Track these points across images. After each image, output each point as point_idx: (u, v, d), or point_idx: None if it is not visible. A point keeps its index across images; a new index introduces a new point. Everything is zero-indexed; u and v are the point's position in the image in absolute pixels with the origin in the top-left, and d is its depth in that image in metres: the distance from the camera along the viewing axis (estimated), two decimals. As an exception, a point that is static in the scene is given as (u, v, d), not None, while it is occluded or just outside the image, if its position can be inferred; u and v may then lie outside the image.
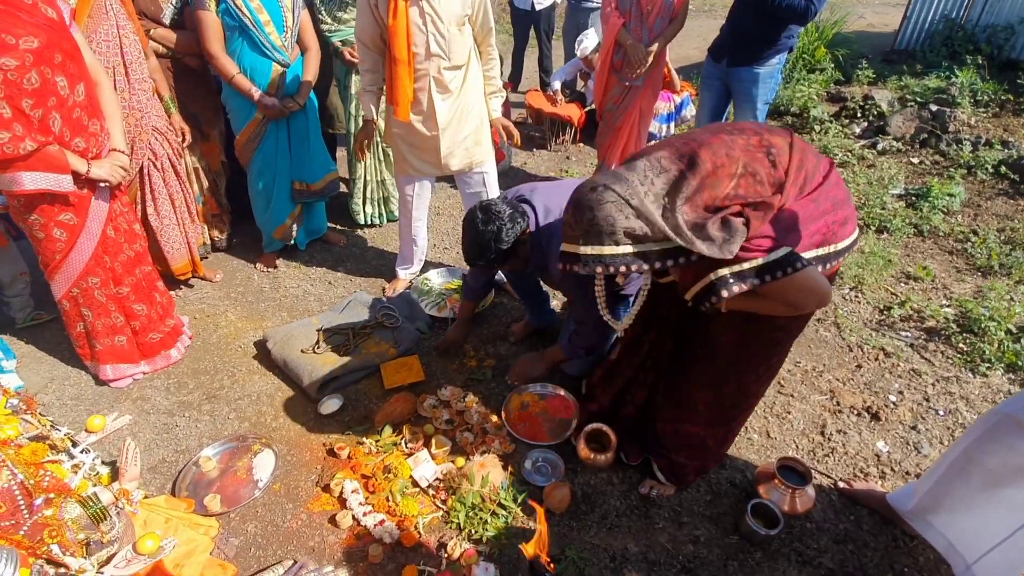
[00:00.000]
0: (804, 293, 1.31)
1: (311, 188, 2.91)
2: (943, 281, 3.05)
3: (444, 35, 2.17)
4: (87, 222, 1.97)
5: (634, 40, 3.02)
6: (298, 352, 2.31)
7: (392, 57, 2.17)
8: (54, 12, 1.80)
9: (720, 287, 1.27)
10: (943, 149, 4.32)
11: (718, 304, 1.32)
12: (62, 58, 1.78)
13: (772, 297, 1.33)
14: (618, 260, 1.23)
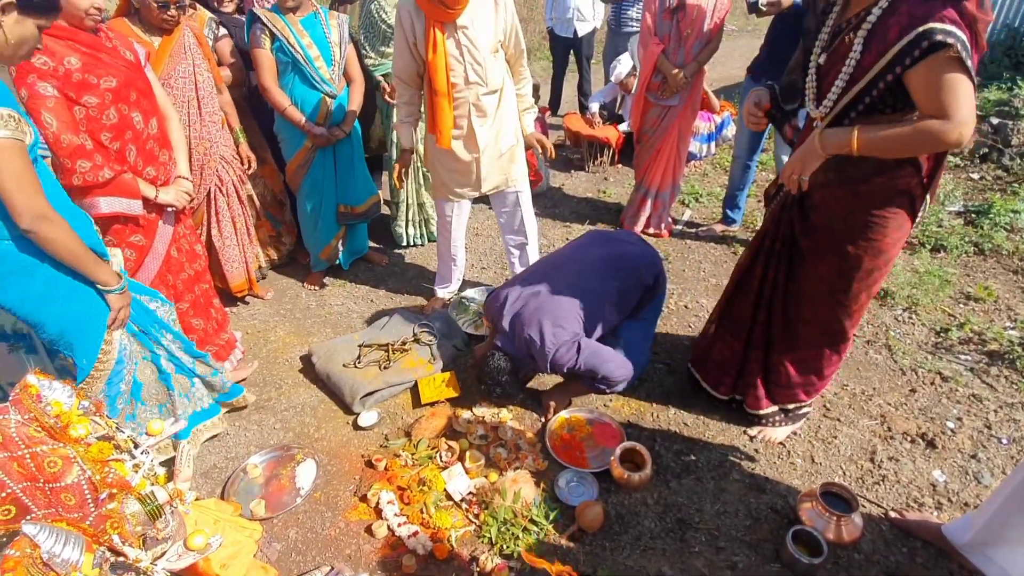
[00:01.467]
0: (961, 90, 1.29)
1: (355, 211, 3.06)
2: (1007, 302, 2.88)
3: (481, 63, 2.26)
4: (154, 243, 2.14)
5: (671, 67, 3.05)
6: (340, 366, 2.40)
7: (433, 90, 2.28)
8: (131, 55, 2.00)
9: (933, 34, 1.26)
10: (1006, 164, 4.10)
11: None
12: (137, 96, 1.97)
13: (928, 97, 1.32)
14: None
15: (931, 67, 1.30)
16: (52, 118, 1.77)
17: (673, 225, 3.74)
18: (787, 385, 2.01)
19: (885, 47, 1.34)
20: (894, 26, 1.32)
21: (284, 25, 2.50)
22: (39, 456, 1.25)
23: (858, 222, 1.59)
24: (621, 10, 4.94)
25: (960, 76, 1.29)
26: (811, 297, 1.79)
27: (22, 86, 1.76)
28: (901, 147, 1.42)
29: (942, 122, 1.32)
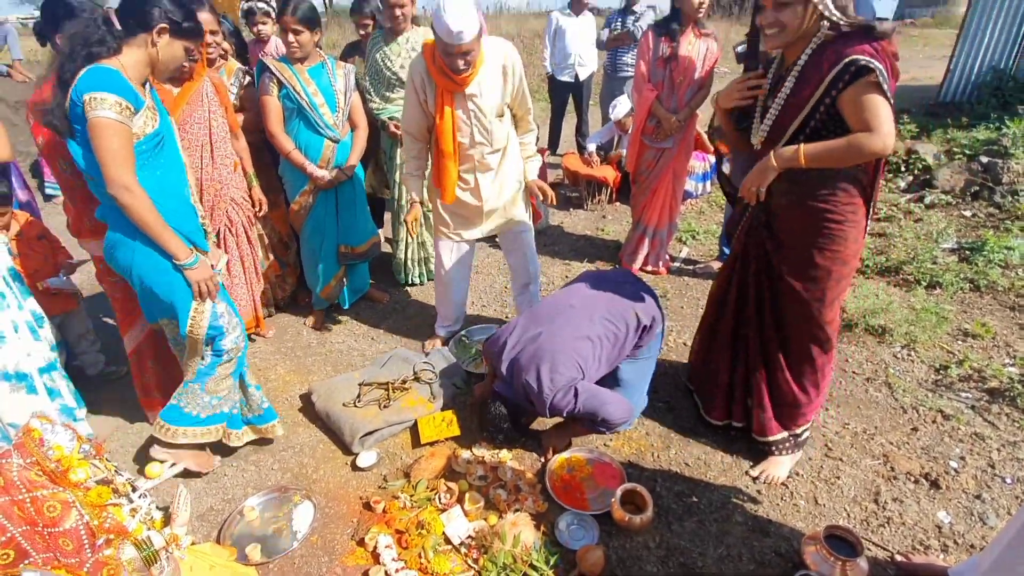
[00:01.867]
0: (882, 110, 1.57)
1: (355, 251, 3.11)
2: (1005, 338, 2.89)
3: (487, 127, 2.37)
4: None
5: (666, 112, 3.17)
6: (340, 405, 2.41)
7: (439, 150, 2.37)
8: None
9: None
10: (997, 201, 4.18)
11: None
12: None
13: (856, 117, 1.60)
14: None
15: (857, 89, 1.58)
16: (66, 164, 1.85)
17: (671, 262, 3.79)
18: (793, 403, 2.07)
19: (821, 78, 1.62)
20: (825, 61, 1.62)
21: (292, 74, 2.62)
22: (39, 500, 1.26)
23: (822, 236, 1.82)
24: (616, 56, 5.14)
25: (880, 97, 1.56)
26: (791, 309, 1.96)
27: (39, 134, 1.84)
28: (839, 157, 1.66)
29: (868, 134, 1.58)
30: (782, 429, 2.11)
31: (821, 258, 1.84)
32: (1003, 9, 6.81)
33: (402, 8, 2.87)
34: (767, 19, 1.69)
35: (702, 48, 3.10)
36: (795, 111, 1.71)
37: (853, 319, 3.03)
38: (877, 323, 2.97)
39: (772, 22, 1.68)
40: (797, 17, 1.63)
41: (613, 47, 5.11)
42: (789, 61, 1.76)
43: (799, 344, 1.99)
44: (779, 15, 1.65)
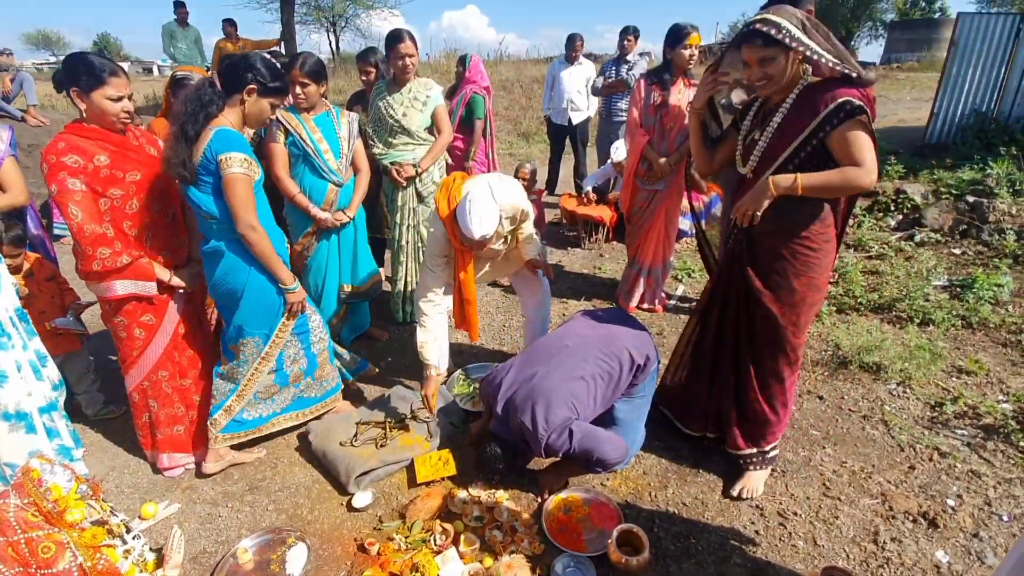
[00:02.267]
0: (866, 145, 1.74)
1: (357, 290, 3.17)
2: (998, 375, 2.91)
3: (501, 259, 2.58)
4: (163, 322, 2.23)
5: (657, 156, 3.29)
6: (336, 444, 2.41)
7: (463, 298, 2.52)
8: (155, 151, 2.19)
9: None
10: (985, 239, 4.26)
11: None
12: (159, 187, 2.14)
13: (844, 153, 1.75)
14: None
15: (848, 128, 1.73)
16: (78, 210, 1.92)
17: (667, 300, 3.84)
18: (764, 422, 2.20)
19: (815, 114, 1.76)
20: (820, 101, 1.76)
21: (298, 123, 2.74)
22: (34, 541, 1.27)
23: (799, 263, 1.95)
24: (612, 102, 5.34)
25: (867, 136, 1.74)
26: (767, 333, 2.08)
27: (52, 182, 1.91)
28: (832, 188, 1.80)
29: (859, 169, 1.74)
30: (751, 445, 2.24)
31: (799, 284, 1.97)
32: (982, 54, 7.11)
33: (410, 58, 3.03)
34: (755, 75, 1.83)
35: (691, 96, 3.23)
36: (786, 141, 1.84)
37: (848, 356, 3.06)
38: (872, 360, 2.99)
39: (760, 76, 1.82)
40: (781, 67, 1.78)
41: (608, 93, 5.32)
42: (775, 101, 1.91)
43: (771, 365, 2.12)
44: (765, 69, 1.79)
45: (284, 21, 9.27)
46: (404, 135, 3.17)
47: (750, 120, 2.03)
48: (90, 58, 1.93)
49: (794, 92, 1.84)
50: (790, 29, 1.72)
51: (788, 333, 2.04)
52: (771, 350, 2.10)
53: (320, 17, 17.81)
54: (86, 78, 1.90)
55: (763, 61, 1.78)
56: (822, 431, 2.59)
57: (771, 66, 1.78)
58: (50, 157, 1.90)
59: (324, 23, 18.12)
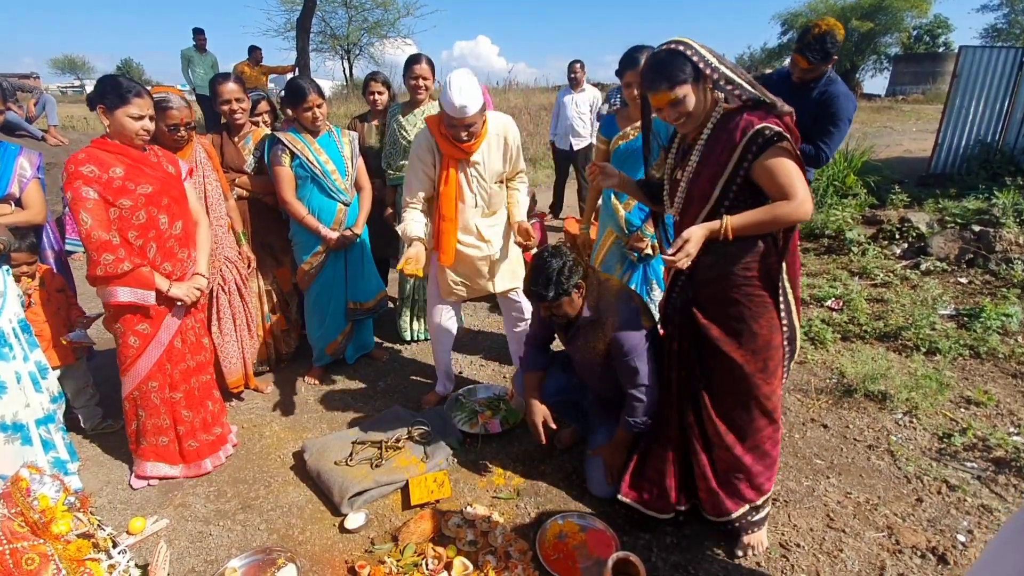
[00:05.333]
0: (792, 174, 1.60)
1: (363, 306, 3.19)
2: (1008, 407, 2.84)
3: (487, 191, 2.50)
4: (158, 332, 2.25)
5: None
6: (331, 464, 2.38)
7: (441, 215, 2.48)
8: (174, 169, 2.29)
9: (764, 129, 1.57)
10: (992, 269, 4.22)
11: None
12: (169, 201, 2.21)
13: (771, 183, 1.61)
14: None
15: (769, 157, 1.60)
16: (88, 217, 2.01)
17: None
18: (748, 475, 1.94)
19: (733, 146, 1.63)
20: (737, 130, 1.62)
21: (304, 145, 2.79)
22: (18, 552, 1.25)
23: (752, 305, 1.77)
24: (616, 128, 5.41)
25: (792, 163, 1.60)
26: (733, 382, 1.85)
27: (69, 189, 2.02)
28: (763, 226, 1.66)
29: (788, 202, 1.60)
30: (740, 503, 1.98)
31: (758, 327, 1.78)
32: (986, 86, 7.17)
33: (425, 80, 3.12)
34: (670, 116, 1.69)
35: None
36: (707, 182, 1.70)
37: (853, 384, 3.01)
38: (877, 388, 2.94)
39: (676, 116, 1.68)
40: (695, 101, 1.65)
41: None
42: (691, 137, 1.77)
43: (745, 419, 1.89)
44: (679, 109, 1.65)
45: (300, 49, 9.55)
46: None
47: (672, 156, 1.89)
48: (119, 79, 2.08)
49: (709, 125, 1.70)
50: (703, 53, 1.60)
51: (758, 381, 1.82)
52: (742, 403, 1.87)
53: (335, 45, 18.33)
54: (112, 97, 2.03)
55: (674, 104, 1.64)
56: (826, 460, 2.54)
57: (683, 105, 1.64)
58: (70, 166, 2.02)
59: (339, 51, 18.64)
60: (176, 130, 2.50)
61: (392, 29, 18.24)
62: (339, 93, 14.31)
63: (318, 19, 15.87)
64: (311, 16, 9.91)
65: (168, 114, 2.46)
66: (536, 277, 2.02)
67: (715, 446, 1.94)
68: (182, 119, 2.50)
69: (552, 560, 2.01)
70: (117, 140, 2.10)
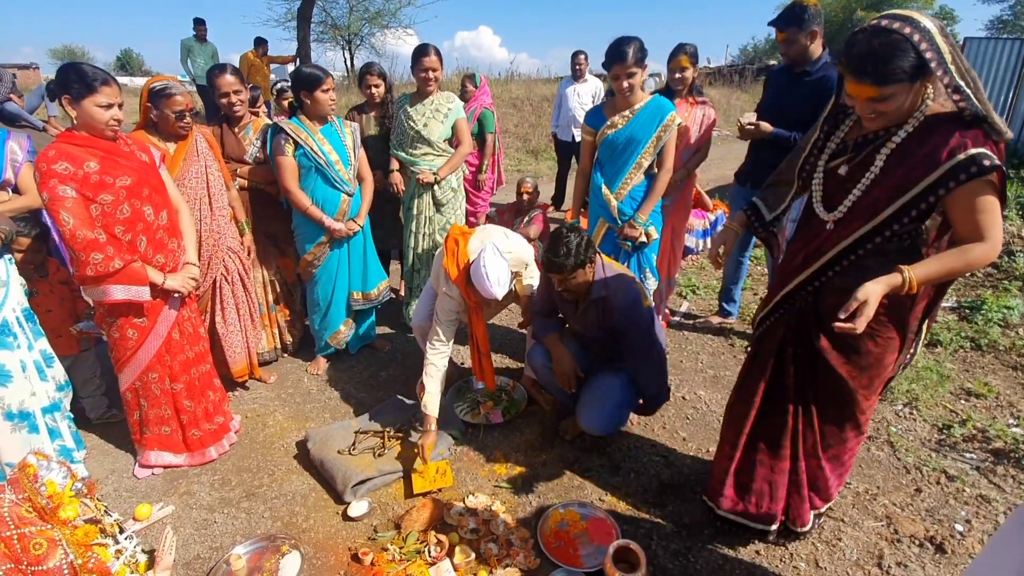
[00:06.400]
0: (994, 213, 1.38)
1: (367, 296, 3.20)
2: (1008, 398, 2.85)
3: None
4: (156, 325, 2.24)
5: None
6: (335, 453, 2.40)
7: (481, 351, 2.59)
8: (147, 157, 2.21)
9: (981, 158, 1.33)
10: (995, 261, 4.21)
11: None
12: (149, 191, 2.14)
13: (966, 222, 1.39)
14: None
15: (975, 190, 1.36)
16: (69, 216, 1.93)
17: (671, 316, 3.82)
18: (825, 488, 1.93)
19: (935, 163, 1.38)
20: (943, 147, 1.37)
21: (307, 135, 2.78)
22: (26, 537, 1.27)
23: (875, 322, 1.57)
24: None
25: (996, 200, 1.37)
26: (835, 394, 1.76)
27: (44, 189, 1.92)
28: (952, 274, 1.45)
29: (981, 246, 1.39)
30: (811, 512, 1.98)
31: (873, 345, 1.64)
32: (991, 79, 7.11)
33: (434, 72, 3.11)
34: (864, 109, 1.45)
35: (698, 115, 3.26)
36: (884, 195, 1.47)
37: (853, 376, 3.02)
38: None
39: (869, 111, 1.44)
40: (900, 106, 1.40)
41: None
42: (874, 131, 1.51)
43: (836, 431, 1.83)
44: (877, 107, 1.41)
45: (301, 39, 9.51)
46: (424, 145, 3.22)
47: (836, 144, 1.63)
48: (82, 67, 1.96)
49: (908, 127, 1.44)
50: (939, 44, 1.31)
51: (859, 397, 1.72)
52: (837, 416, 1.79)
53: (336, 35, 18.20)
54: (77, 86, 1.92)
55: (874, 100, 1.39)
56: (826, 451, 2.55)
57: (885, 104, 1.39)
58: (41, 165, 1.91)
59: (340, 41, 18.51)
60: (182, 116, 2.48)
61: (393, 19, 18.09)
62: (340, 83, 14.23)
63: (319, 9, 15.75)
64: (312, 5, 9.86)
65: (173, 100, 2.44)
66: (556, 249, 2.13)
67: (808, 454, 1.87)
68: (187, 104, 2.48)
69: (553, 548, 2.03)
70: (85, 132, 1.99)
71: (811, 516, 1.97)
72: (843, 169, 1.58)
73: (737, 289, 3.64)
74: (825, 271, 1.66)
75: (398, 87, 7.91)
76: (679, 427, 2.72)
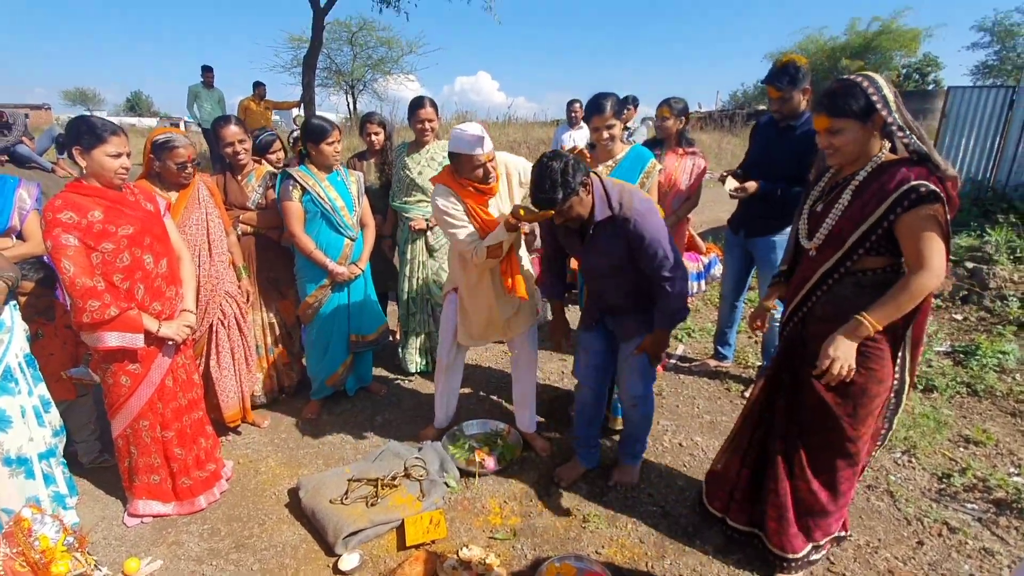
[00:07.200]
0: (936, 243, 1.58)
1: (366, 339, 3.22)
2: (1008, 446, 2.84)
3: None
4: (150, 372, 2.24)
5: None
6: (327, 502, 2.37)
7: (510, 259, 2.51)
8: (152, 206, 2.27)
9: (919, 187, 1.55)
10: (988, 305, 4.26)
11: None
12: (151, 240, 2.19)
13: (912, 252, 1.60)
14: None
15: (917, 217, 1.57)
16: (70, 264, 1.98)
17: (667, 360, 3.83)
18: (821, 511, 1.98)
19: (884, 196, 1.61)
20: (891, 181, 1.61)
21: (315, 181, 2.87)
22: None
23: (859, 354, 1.73)
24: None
25: (936, 233, 1.57)
26: (820, 423, 1.86)
27: (48, 237, 1.99)
28: (902, 306, 1.64)
29: (920, 275, 1.59)
30: (807, 542, 2.02)
31: (858, 376, 1.75)
32: (976, 125, 7.35)
33: (430, 122, 3.24)
34: (822, 142, 1.73)
35: (688, 164, 3.37)
36: (851, 224, 1.69)
37: (850, 422, 3.00)
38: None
39: (827, 145, 1.72)
40: (851, 141, 1.66)
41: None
42: (845, 173, 1.78)
43: (825, 458, 1.90)
44: (832, 139, 1.69)
45: (305, 84, 9.82)
46: (419, 192, 3.33)
47: (818, 189, 1.89)
48: (92, 119, 2.07)
49: (866, 168, 1.69)
50: (885, 93, 1.60)
51: (844, 424, 1.81)
52: (823, 441, 1.87)
53: (340, 80, 18.82)
54: (88, 137, 2.02)
55: (831, 133, 1.68)
56: (826, 501, 2.52)
57: (838, 137, 1.67)
58: (47, 214, 1.98)
59: (343, 86, 19.12)
60: (184, 167, 2.57)
61: (395, 66, 18.77)
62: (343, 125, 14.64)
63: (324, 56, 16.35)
64: (317, 54, 10.22)
65: (175, 153, 2.53)
66: (542, 183, 1.95)
67: (796, 476, 1.96)
68: (189, 156, 2.57)
69: (549, 604, 1.98)
70: (95, 181, 2.07)
71: (805, 545, 2.02)
72: (819, 206, 1.85)
73: (732, 333, 3.66)
74: (810, 297, 1.86)
75: (399, 130, 8.13)
76: (676, 476, 2.69)
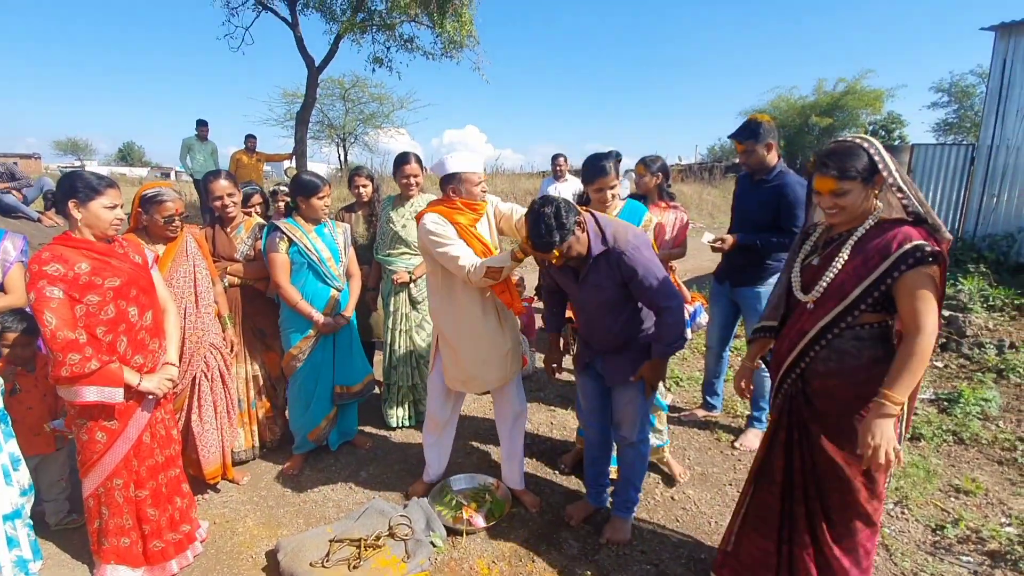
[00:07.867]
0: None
1: (351, 390, 3.17)
2: (997, 495, 2.83)
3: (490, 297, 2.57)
4: (127, 427, 2.16)
5: None
6: (307, 565, 2.26)
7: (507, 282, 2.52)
8: (140, 258, 2.26)
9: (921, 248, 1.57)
10: (967, 353, 4.34)
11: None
12: (137, 292, 2.16)
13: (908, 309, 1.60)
14: None
15: (918, 276, 1.59)
16: (52, 317, 1.93)
17: (656, 409, 3.80)
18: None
19: (887, 254, 1.62)
20: (894, 240, 1.62)
21: (302, 233, 2.90)
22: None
23: (866, 409, 1.69)
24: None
25: (932, 295, 1.59)
26: (835, 482, 1.81)
27: (32, 289, 1.95)
28: (917, 372, 1.61)
29: (922, 337, 1.58)
30: None
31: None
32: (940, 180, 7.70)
33: (415, 177, 3.33)
34: (825, 203, 1.72)
35: (671, 218, 3.46)
36: (855, 278, 1.68)
37: (841, 472, 2.98)
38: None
39: (830, 205, 1.71)
40: (855, 201, 1.68)
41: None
42: (840, 230, 1.78)
43: (845, 519, 1.83)
44: (837, 201, 1.69)
45: (298, 139, 10.02)
46: (402, 245, 3.37)
47: (811, 243, 1.89)
48: (85, 174, 2.11)
49: (865, 225, 1.71)
50: (884, 156, 1.64)
51: (858, 485, 1.77)
52: (842, 502, 1.81)
53: (331, 134, 19.28)
54: (84, 191, 2.04)
55: (837, 195, 1.68)
56: (821, 556, 2.46)
57: (844, 198, 1.68)
58: (33, 266, 1.96)
59: (335, 139, 19.57)
60: (171, 221, 2.59)
61: (386, 120, 19.31)
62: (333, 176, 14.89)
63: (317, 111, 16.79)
64: (311, 109, 10.49)
65: (163, 207, 2.55)
66: (538, 229, 2.01)
67: (819, 541, 1.87)
68: (177, 210, 2.59)
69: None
70: (87, 233, 2.07)
71: None
72: (815, 260, 1.84)
73: (720, 382, 3.67)
74: (808, 351, 1.80)
75: (388, 181, 8.29)
76: (669, 532, 2.62)
